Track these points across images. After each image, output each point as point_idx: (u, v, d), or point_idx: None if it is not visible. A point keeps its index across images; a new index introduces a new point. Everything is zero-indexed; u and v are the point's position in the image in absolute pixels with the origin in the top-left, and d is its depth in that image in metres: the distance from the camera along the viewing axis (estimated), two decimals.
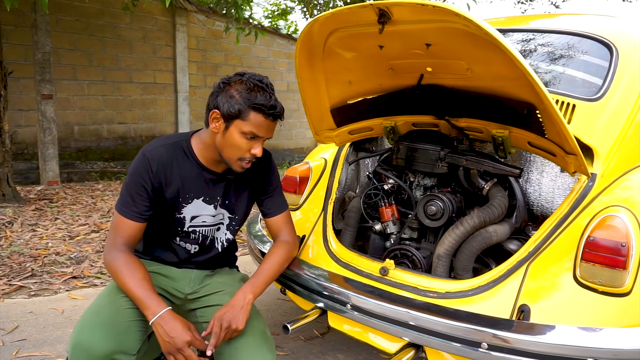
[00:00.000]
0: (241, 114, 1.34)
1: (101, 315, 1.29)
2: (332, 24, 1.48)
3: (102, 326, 1.25)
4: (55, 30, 5.84)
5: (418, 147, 1.79)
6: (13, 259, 2.89)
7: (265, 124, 1.36)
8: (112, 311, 1.30)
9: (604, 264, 1.32)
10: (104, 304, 1.33)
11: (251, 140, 1.37)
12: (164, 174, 1.41)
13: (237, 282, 1.57)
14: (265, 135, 1.39)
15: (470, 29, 1.23)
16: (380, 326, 1.42)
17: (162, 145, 1.44)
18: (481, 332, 1.26)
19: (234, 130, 1.35)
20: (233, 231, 1.58)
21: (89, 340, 1.22)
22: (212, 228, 1.52)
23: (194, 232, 1.49)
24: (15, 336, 2.01)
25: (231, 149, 1.38)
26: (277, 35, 9.02)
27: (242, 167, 1.41)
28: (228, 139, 1.37)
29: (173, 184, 1.42)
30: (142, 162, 1.39)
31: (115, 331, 1.26)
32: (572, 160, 1.47)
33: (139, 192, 1.38)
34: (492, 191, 1.68)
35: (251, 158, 1.40)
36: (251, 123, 1.34)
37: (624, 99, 1.68)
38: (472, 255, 1.59)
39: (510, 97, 1.53)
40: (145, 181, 1.38)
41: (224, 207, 1.52)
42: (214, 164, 1.46)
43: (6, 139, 4.27)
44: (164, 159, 1.41)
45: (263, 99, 1.34)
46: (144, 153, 1.40)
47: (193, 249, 1.52)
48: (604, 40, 1.84)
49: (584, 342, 1.20)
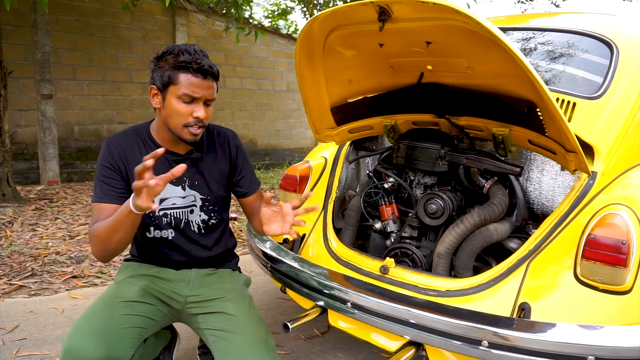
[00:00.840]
0: (171, 79, 1.36)
1: (94, 322, 1.27)
2: (332, 21, 1.47)
3: (93, 333, 1.24)
4: (55, 30, 5.83)
5: (418, 146, 1.79)
6: (13, 258, 2.89)
7: (197, 82, 1.36)
8: (105, 317, 1.29)
9: (605, 262, 1.32)
10: (97, 309, 1.32)
11: (190, 104, 1.38)
12: (125, 158, 1.44)
13: (239, 287, 1.56)
14: (201, 95, 1.38)
15: (471, 26, 1.23)
16: (380, 324, 1.42)
17: (122, 133, 1.50)
18: (482, 330, 1.25)
19: (171, 98, 1.38)
20: (208, 212, 1.56)
21: (79, 347, 1.21)
22: (185, 210, 1.52)
23: (165, 216, 1.49)
24: (15, 335, 2.01)
25: (173, 118, 1.39)
26: (277, 35, 9.01)
27: (193, 134, 1.41)
28: (168, 109, 1.39)
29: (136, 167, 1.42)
30: (104, 149, 1.44)
31: (107, 338, 1.24)
32: (572, 158, 1.47)
33: (108, 176, 1.41)
34: (492, 189, 1.68)
35: (196, 121, 1.39)
36: (182, 84, 1.36)
37: (625, 97, 1.68)
38: (473, 253, 1.59)
39: (510, 95, 1.53)
40: (111, 165, 1.42)
41: (193, 188, 1.52)
42: (174, 144, 1.47)
43: (6, 139, 4.27)
44: (123, 144, 1.45)
45: (187, 58, 1.35)
46: (106, 141, 1.46)
47: (170, 234, 1.51)
48: (604, 39, 1.84)
49: (584, 340, 1.20)
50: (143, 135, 1.49)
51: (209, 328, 1.41)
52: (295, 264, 1.67)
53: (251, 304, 1.50)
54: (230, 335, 1.37)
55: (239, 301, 1.47)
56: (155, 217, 1.49)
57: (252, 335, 1.38)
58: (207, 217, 1.56)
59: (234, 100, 8.25)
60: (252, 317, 1.44)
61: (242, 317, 1.41)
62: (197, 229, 1.55)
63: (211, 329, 1.40)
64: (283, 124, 9.24)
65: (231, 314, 1.41)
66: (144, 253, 1.55)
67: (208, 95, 1.39)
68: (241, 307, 1.45)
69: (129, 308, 1.35)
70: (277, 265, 1.73)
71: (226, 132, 1.62)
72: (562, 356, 1.19)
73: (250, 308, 1.47)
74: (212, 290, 1.50)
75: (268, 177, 6.61)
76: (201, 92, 1.37)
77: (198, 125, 1.40)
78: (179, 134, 1.41)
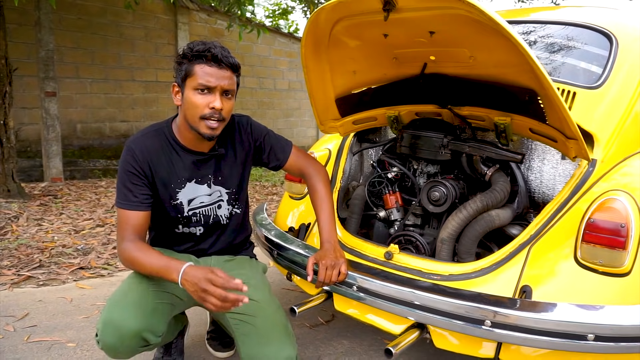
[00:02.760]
0: (187, 72, 1.37)
1: (130, 296, 1.33)
2: (338, 12, 1.51)
3: (131, 305, 1.30)
4: (58, 28, 5.87)
5: (421, 135, 1.83)
6: (20, 250, 2.93)
7: (211, 71, 1.35)
8: (139, 292, 1.34)
9: (604, 245, 1.35)
10: (131, 285, 1.37)
11: (206, 94, 1.36)
12: (150, 160, 1.42)
13: (259, 275, 1.61)
14: (217, 84, 1.35)
15: (473, 15, 1.27)
16: (385, 307, 1.46)
17: (144, 134, 1.46)
18: (484, 310, 1.29)
19: (188, 91, 1.37)
20: (233, 203, 1.59)
21: (119, 318, 1.27)
22: (213, 207, 1.54)
23: (194, 215, 1.52)
24: (25, 323, 2.04)
25: (191, 111, 1.37)
26: (279, 34, 9.06)
27: (210, 128, 1.38)
28: (186, 103, 1.38)
29: (162, 169, 1.44)
30: (127, 153, 1.42)
31: (144, 311, 1.30)
32: (572, 145, 1.51)
33: (133, 182, 1.40)
34: (494, 177, 1.71)
35: (212, 113, 1.36)
36: (197, 75, 1.35)
37: (624, 87, 1.71)
38: (475, 238, 1.63)
39: (511, 84, 1.57)
40: (135, 169, 1.40)
41: (218, 184, 1.53)
42: (197, 143, 1.46)
43: (11, 135, 4.30)
44: (147, 146, 1.43)
45: (201, 47, 1.35)
46: (128, 144, 1.43)
47: (198, 230, 1.54)
48: (604, 31, 1.87)
49: (584, 319, 1.23)
50: (165, 136, 1.46)
51: (230, 312, 1.42)
52: (301, 251, 1.70)
53: (270, 290, 1.55)
54: (252, 319, 1.41)
55: (260, 287, 1.51)
56: (185, 217, 1.51)
57: (272, 320, 1.42)
58: (232, 208, 1.59)
59: (236, 99, 8.29)
60: (273, 304, 1.48)
61: (264, 303, 1.46)
62: (226, 220, 1.58)
63: (233, 313, 1.42)
64: (284, 122, 9.28)
65: (253, 299, 1.42)
66: (168, 243, 1.57)
67: (225, 85, 1.37)
68: (262, 293, 1.49)
69: (161, 285, 1.39)
70: (284, 252, 1.76)
71: (241, 120, 1.59)
72: (562, 334, 1.23)
73: (270, 294, 1.52)
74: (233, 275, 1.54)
75: (270, 175, 6.65)
76: (216, 82, 1.35)
77: (215, 118, 1.37)
78: (197, 127, 1.38)
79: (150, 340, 1.32)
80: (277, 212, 2.22)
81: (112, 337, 1.28)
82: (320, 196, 1.58)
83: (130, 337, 1.28)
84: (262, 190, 5.59)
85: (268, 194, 5.40)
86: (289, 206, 2.16)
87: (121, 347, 1.29)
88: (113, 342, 1.28)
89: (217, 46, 1.37)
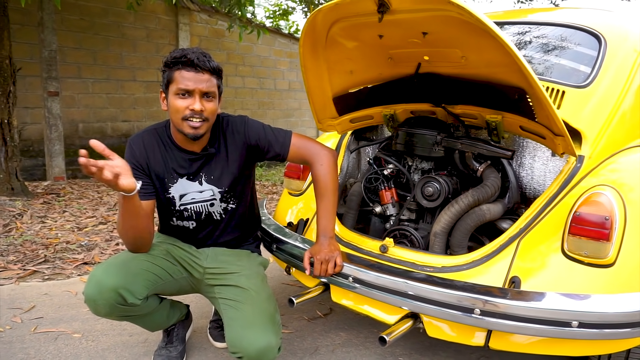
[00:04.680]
0: (169, 79, 1.46)
1: (118, 259, 1.48)
2: (334, 14, 1.57)
3: (116, 266, 1.44)
4: (61, 29, 5.93)
5: (416, 133, 1.89)
6: (26, 246, 2.99)
7: (189, 76, 1.43)
8: (128, 257, 1.49)
9: (590, 237, 1.41)
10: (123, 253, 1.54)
11: (186, 98, 1.44)
12: (147, 156, 1.54)
13: (255, 266, 1.68)
14: (194, 87, 1.43)
15: (464, 16, 1.33)
16: (380, 297, 1.51)
17: (143, 132, 1.59)
18: (474, 299, 1.35)
19: (171, 96, 1.46)
20: (227, 200, 1.64)
21: (102, 274, 1.41)
22: (204, 204, 1.61)
23: (186, 210, 1.60)
24: (32, 315, 2.11)
25: (174, 115, 1.47)
26: (279, 34, 9.11)
27: (192, 127, 1.45)
28: (170, 107, 1.47)
29: (157, 164, 1.55)
30: (128, 149, 1.55)
31: (126, 271, 1.43)
32: (560, 141, 1.57)
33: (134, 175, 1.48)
34: (485, 172, 1.77)
35: (192, 114, 1.44)
36: (177, 80, 1.44)
37: (612, 86, 1.77)
38: (467, 232, 1.68)
39: (502, 83, 1.63)
40: (133, 164, 1.51)
41: (210, 183, 1.60)
42: (189, 143, 1.55)
43: (15, 134, 4.37)
44: (145, 143, 1.55)
45: (179, 54, 1.43)
46: (129, 141, 1.57)
47: (191, 225, 1.64)
48: (593, 31, 1.93)
49: (568, 307, 1.29)
50: (162, 134, 1.57)
51: (222, 297, 1.54)
52: (300, 244, 1.76)
53: (264, 281, 1.62)
54: (239, 305, 1.48)
55: (253, 277, 1.59)
56: (177, 211, 1.60)
57: (259, 307, 1.49)
58: (226, 204, 1.65)
59: (236, 99, 8.34)
60: (262, 293, 1.55)
61: (253, 291, 1.53)
62: (220, 216, 1.65)
63: (224, 299, 1.53)
64: (284, 122, 9.33)
65: (244, 287, 1.53)
66: (171, 233, 1.69)
67: (203, 88, 1.44)
68: (254, 282, 1.57)
69: (151, 257, 1.53)
70: (283, 246, 1.82)
71: (235, 121, 1.63)
72: (547, 321, 1.28)
73: (262, 284, 1.59)
74: (229, 265, 1.62)
75: (270, 174, 6.72)
76: (194, 85, 1.42)
77: (196, 118, 1.44)
78: (181, 129, 1.47)
79: (128, 298, 1.42)
80: (277, 208, 2.28)
81: (93, 289, 1.40)
82: (320, 187, 1.61)
83: (108, 291, 1.39)
84: (262, 190, 5.65)
85: (268, 193, 5.46)
86: (288, 202, 2.22)
87: (100, 300, 1.40)
88: (93, 295, 1.40)
89: (196, 52, 1.45)
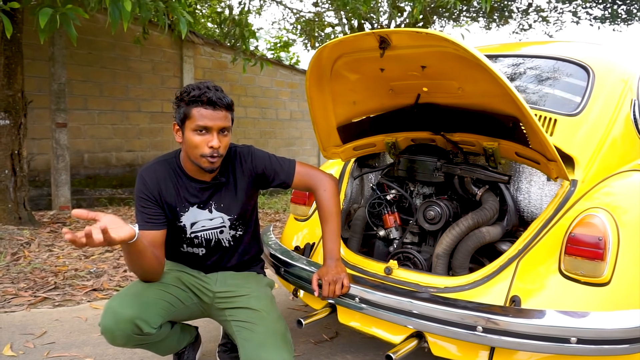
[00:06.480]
0: (186, 114, 1.51)
1: (132, 289, 1.52)
2: (339, 49, 1.68)
3: (130, 296, 1.48)
4: (69, 62, 6.11)
5: (417, 159, 1.98)
6: (35, 274, 3.04)
7: (207, 114, 1.48)
8: (141, 287, 1.53)
9: (585, 257, 1.48)
10: (136, 283, 1.57)
11: (204, 135, 1.50)
12: (159, 186, 1.59)
13: (263, 287, 1.74)
14: (213, 124, 1.48)
15: (459, 52, 1.44)
16: (386, 316, 1.57)
17: (154, 163, 1.64)
18: (476, 317, 1.41)
19: (188, 132, 1.52)
20: (236, 228, 1.70)
21: (118, 305, 1.45)
22: (214, 231, 1.67)
23: (196, 238, 1.66)
24: (44, 340, 2.15)
25: (192, 150, 1.53)
26: (280, 65, 9.35)
27: (210, 163, 1.52)
28: (187, 142, 1.53)
29: (169, 194, 1.61)
30: (139, 181, 1.60)
31: (141, 302, 1.47)
32: (553, 166, 1.66)
33: (145, 205, 1.57)
34: (484, 196, 1.86)
35: (212, 152, 1.50)
36: (195, 117, 1.49)
37: (601, 114, 1.88)
38: (468, 253, 1.76)
39: (497, 112, 1.73)
40: (146, 195, 1.57)
41: (220, 211, 1.66)
42: (199, 173, 1.61)
43: (24, 165, 4.48)
44: (157, 174, 1.61)
45: (197, 93, 1.49)
46: (140, 173, 1.61)
47: (200, 251, 1.70)
48: (582, 64, 2.05)
49: (567, 324, 1.35)
50: (173, 165, 1.63)
51: (234, 320, 1.59)
52: (307, 267, 1.83)
53: (273, 301, 1.68)
54: (252, 326, 1.54)
55: (262, 298, 1.65)
56: (187, 238, 1.66)
57: (272, 327, 1.55)
58: (235, 232, 1.72)
59: (239, 129, 8.49)
60: (273, 313, 1.61)
61: (264, 312, 1.59)
62: (228, 243, 1.72)
63: (236, 321, 1.59)
64: (286, 151, 9.47)
65: (255, 308, 1.59)
66: (179, 260, 1.73)
67: (221, 124, 1.51)
68: (264, 303, 1.63)
69: (164, 286, 1.57)
70: (291, 269, 1.88)
71: (242, 151, 1.70)
72: (547, 338, 1.34)
73: (272, 305, 1.65)
74: (238, 288, 1.68)
75: (272, 202, 6.79)
76: (212, 122, 1.50)
77: (214, 155, 1.51)
78: (198, 163, 1.54)
79: (144, 328, 1.46)
80: (283, 233, 2.35)
81: (109, 320, 1.44)
82: (324, 211, 1.69)
83: (124, 322, 1.43)
84: (265, 217, 5.71)
85: (271, 221, 5.52)
86: (294, 228, 2.30)
87: (117, 331, 1.44)
88: (110, 326, 1.44)
89: (211, 88, 1.51)
